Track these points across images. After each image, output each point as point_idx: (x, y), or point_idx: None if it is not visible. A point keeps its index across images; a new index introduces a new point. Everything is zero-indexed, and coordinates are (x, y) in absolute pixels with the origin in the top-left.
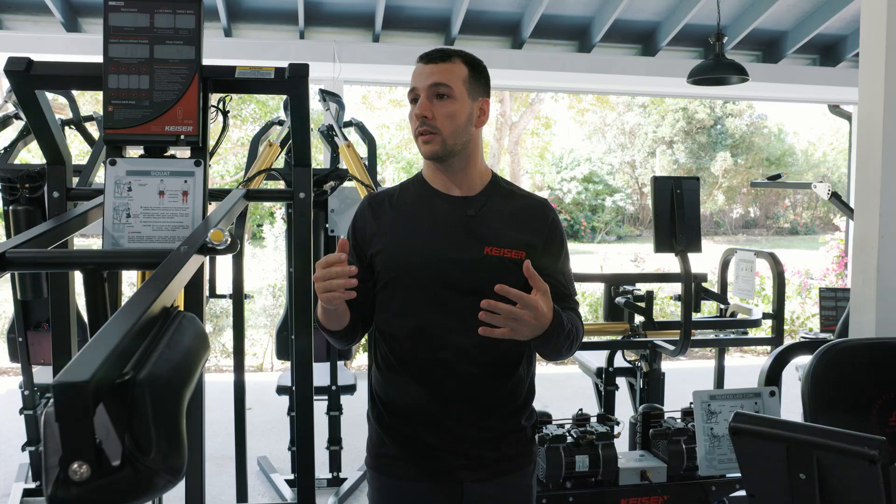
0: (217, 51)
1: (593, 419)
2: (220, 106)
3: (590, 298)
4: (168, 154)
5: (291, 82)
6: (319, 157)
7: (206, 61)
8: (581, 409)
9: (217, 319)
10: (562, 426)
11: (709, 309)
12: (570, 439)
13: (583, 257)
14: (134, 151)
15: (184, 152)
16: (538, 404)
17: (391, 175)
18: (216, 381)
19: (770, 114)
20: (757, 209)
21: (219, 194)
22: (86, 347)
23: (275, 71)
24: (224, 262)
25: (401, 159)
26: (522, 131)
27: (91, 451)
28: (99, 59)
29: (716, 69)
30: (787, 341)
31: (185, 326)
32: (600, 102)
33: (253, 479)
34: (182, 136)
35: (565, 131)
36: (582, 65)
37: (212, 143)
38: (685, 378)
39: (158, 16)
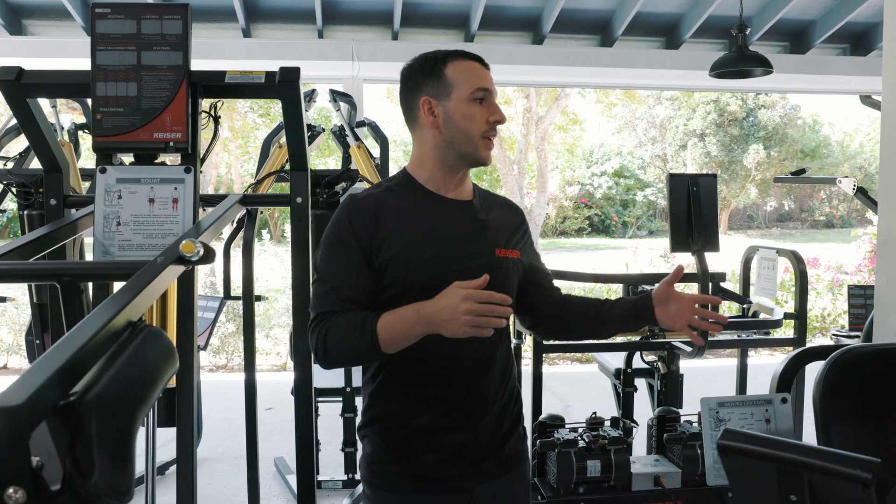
0: (236, 51)
1: (607, 423)
2: (212, 111)
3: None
4: (159, 161)
5: (282, 86)
6: (320, 158)
7: (224, 63)
8: (595, 413)
9: (240, 320)
10: (574, 430)
11: (733, 308)
12: (582, 444)
13: (612, 253)
14: (128, 158)
15: (175, 158)
16: (559, 405)
17: None
18: (240, 380)
19: (804, 104)
20: (791, 202)
21: (215, 199)
22: (31, 367)
23: (265, 75)
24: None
25: None
26: (549, 126)
27: (27, 475)
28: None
29: (738, 62)
30: (818, 340)
31: (149, 342)
32: (627, 97)
33: (269, 480)
34: (171, 143)
35: (595, 126)
36: (604, 59)
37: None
38: (708, 378)
39: (145, 22)
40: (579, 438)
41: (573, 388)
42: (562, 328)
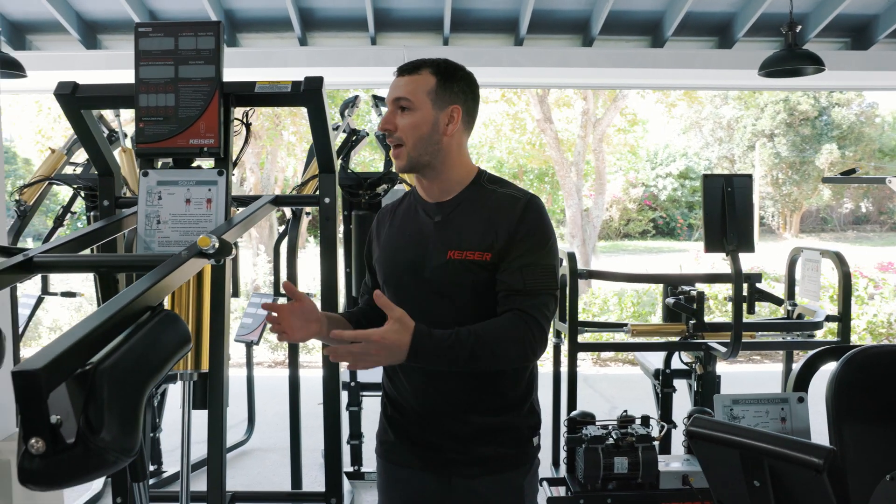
0: (296, 59)
1: (638, 421)
2: (244, 119)
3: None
4: (195, 165)
5: (307, 94)
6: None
7: (284, 71)
8: (625, 411)
9: None
10: (605, 427)
11: (779, 311)
12: (610, 441)
13: (676, 256)
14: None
15: (209, 162)
16: (606, 406)
17: None
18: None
19: (882, 102)
20: (869, 204)
21: (249, 200)
22: (55, 339)
23: (291, 85)
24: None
25: (491, 158)
26: (607, 127)
27: (45, 428)
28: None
29: (788, 60)
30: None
31: (165, 325)
32: (688, 97)
33: (315, 472)
34: (205, 149)
35: (660, 126)
36: (655, 60)
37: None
38: (749, 382)
39: (182, 38)
40: (608, 435)
41: (622, 389)
42: None
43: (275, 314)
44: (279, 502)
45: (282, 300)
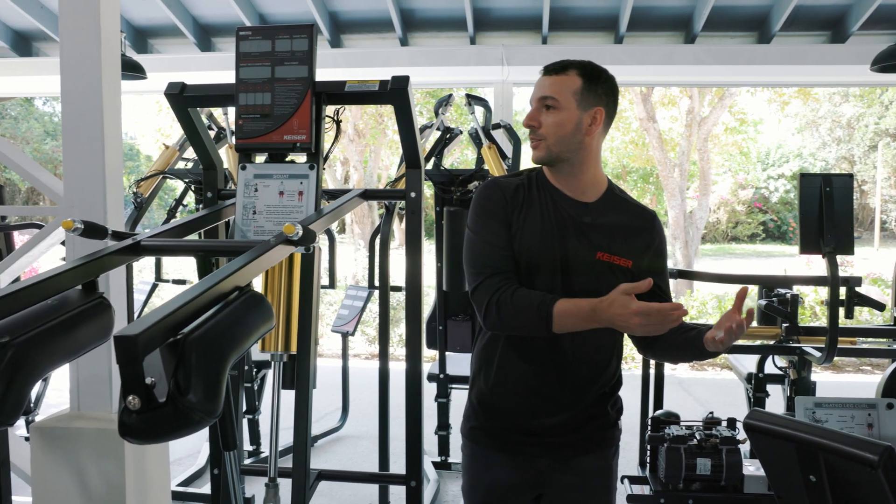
0: (394, 59)
1: (724, 423)
2: (335, 116)
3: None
4: (288, 159)
5: (393, 93)
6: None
7: (388, 70)
8: (711, 413)
9: (394, 311)
10: (689, 428)
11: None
12: (693, 441)
13: (786, 261)
14: (261, 157)
15: (301, 157)
16: (699, 409)
17: None
18: (393, 368)
19: None
20: None
21: (339, 193)
22: (152, 311)
23: (379, 84)
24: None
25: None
26: (713, 127)
27: (141, 387)
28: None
29: None
30: None
31: (250, 303)
32: (801, 94)
33: (403, 459)
34: (297, 144)
35: (772, 125)
36: (763, 56)
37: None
38: (851, 393)
39: (279, 41)
40: (692, 436)
41: (717, 394)
42: (651, 352)
43: None
44: (362, 482)
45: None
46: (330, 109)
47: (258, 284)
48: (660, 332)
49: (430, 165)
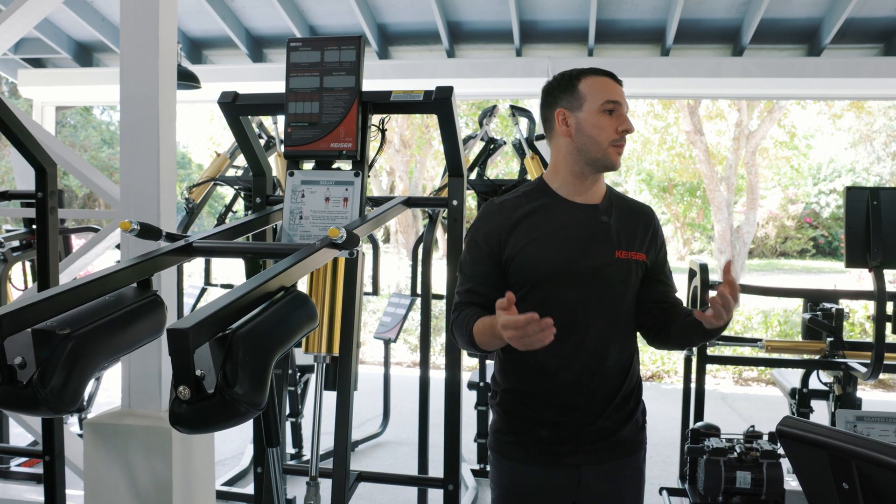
0: (441, 71)
1: (765, 437)
2: (380, 125)
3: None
4: (335, 167)
5: (437, 103)
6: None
7: (435, 81)
8: (752, 427)
9: (436, 320)
10: (729, 441)
11: None
12: (733, 455)
13: (836, 278)
14: (308, 164)
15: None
16: (742, 424)
17: (632, 187)
18: (435, 376)
19: None
20: None
21: (382, 200)
22: (203, 307)
23: (424, 94)
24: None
25: (640, 170)
26: (762, 140)
27: (191, 378)
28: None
29: None
30: None
31: (295, 303)
32: (855, 108)
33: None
34: (344, 152)
35: (824, 139)
36: (815, 69)
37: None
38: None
39: (327, 52)
40: (731, 449)
41: (761, 409)
42: (665, 343)
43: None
44: (401, 484)
45: (417, 301)
46: (376, 118)
47: (303, 288)
48: (536, 345)
49: (473, 175)
